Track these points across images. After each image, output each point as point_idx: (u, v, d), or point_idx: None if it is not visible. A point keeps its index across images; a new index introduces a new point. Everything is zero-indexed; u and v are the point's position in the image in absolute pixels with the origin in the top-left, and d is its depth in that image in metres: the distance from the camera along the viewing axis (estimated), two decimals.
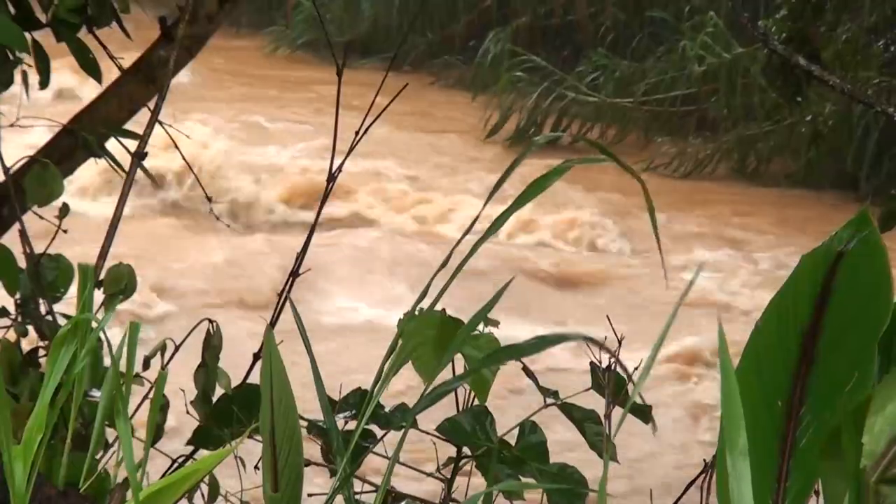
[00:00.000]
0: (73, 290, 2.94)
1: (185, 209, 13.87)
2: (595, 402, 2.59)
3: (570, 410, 2.50)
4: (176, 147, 3.79)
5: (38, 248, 3.13)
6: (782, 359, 1.80)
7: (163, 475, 2.38)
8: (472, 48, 20.35)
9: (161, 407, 2.53)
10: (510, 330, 2.53)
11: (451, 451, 2.52)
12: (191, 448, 2.77)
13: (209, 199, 4.36)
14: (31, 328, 3.03)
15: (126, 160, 3.39)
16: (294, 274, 3.20)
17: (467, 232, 1.90)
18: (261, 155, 16.17)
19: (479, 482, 2.45)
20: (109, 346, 1.91)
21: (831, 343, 1.79)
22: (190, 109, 14.31)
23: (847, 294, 1.79)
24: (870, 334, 1.78)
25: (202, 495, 2.67)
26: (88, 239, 3.61)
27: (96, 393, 2.35)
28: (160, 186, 13.23)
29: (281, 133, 17.25)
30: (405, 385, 2.82)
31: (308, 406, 2.18)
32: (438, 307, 2.14)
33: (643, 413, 2.48)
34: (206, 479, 2.52)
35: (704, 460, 2.53)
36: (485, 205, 1.91)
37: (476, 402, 2.47)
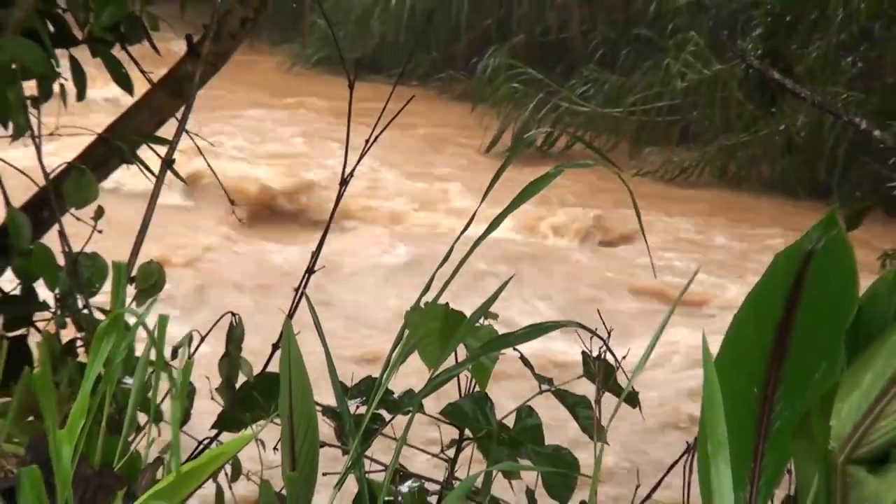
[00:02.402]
0: (108, 285, 2.96)
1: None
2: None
3: (563, 396, 2.50)
4: (202, 154, 3.80)
5: (76, 247, 3.14)
6: (758, 350, 1.81)
7: (190, 456, 2.40)
8: (474, 64, 20.38)
9: (188, 393, 2.54)
10: None
11: (455, 433, 2.53)
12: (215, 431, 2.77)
13: (231, 203, 4.37)
14: (69, 321, 3.03)
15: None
16: (310, 271, 3.21)
17: (464, 230, 1.91)
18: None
19: (479, 463, 2.46)
20: (153, 339, 1.91)
21: (802, 336, 1.80)
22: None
23: (817, 290, 1.80)
24: (837, 328, 1.79)
25: (226, 475, 2.68)
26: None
27: (128, 380, 2.36)
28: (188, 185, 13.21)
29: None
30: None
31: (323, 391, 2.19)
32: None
33: (632, 398, 2.48)
34: (230, 461, 2.53)
35: (687, 442, 2.53)
36: (480, 203, 1.92)
37: (477, 388, 2.48)
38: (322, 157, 15.54)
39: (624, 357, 2.44)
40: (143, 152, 3.51)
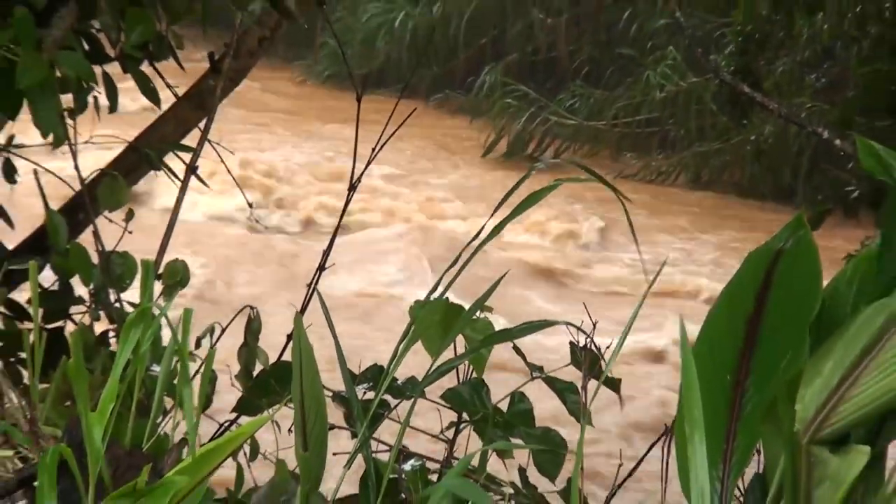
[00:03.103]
0: (137, 281, 2.97)
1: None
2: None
3: (552, 382, 2.50)
4: (222, 161, 3.80)
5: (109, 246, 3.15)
6: (731, 341, 1.81)
7: (212, 437, 2.40)
8: (471, 81, 20.41)
9: (210, 380, 2.54)
10: None
11: (453, 416, 2.52)
12: (235, 415, 2.77)
13: (250, 206, 4.37)
14: (102, 314, 3.03)
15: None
16: (321, 268, 3.20)
17: (475, 238, 1.91)
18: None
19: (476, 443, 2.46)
20: (173, 330, 1.91)
21: (771, 328, 1.80)
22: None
23: (784, 286, 1.80)
24: (803, 320, 1.79)
25: (244, 454, 2.68)
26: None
27: (156, 368, 2.36)
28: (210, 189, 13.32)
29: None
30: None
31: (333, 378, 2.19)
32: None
33: (614, 384, 2.49)
34: (248, 441, 2.53)
35: (665, 424, 2.53)
36: (491, 215, 1.92)
37: (474, 375, 2.48)
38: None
39: (608, 347, 2.44)
40: (169, 159, 3.52)
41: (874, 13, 9.98)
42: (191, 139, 3.55)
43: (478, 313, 2.31)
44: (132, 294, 3.01)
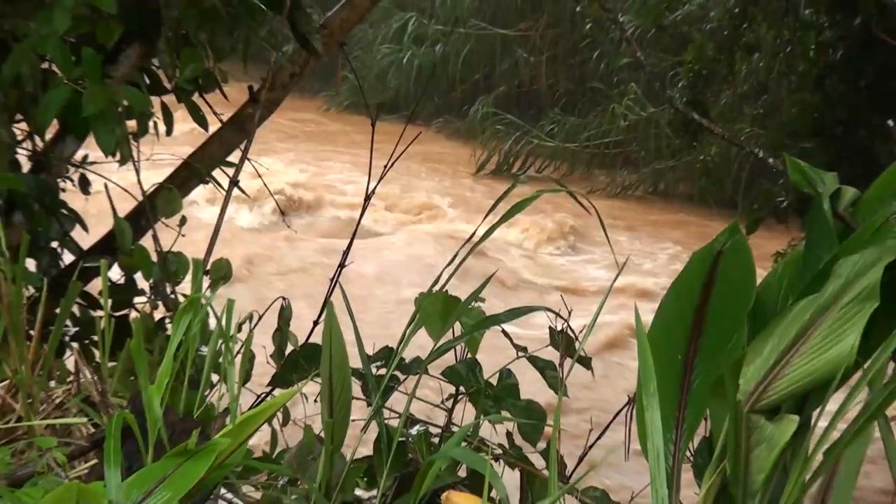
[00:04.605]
0: (189, 276, 2.96)
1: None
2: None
3: (534, 361, 2.50)
4: (259, 177, 3.79)
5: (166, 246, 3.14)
6: (681, 326, 1.81)
7: (251, 406, 2.39)
8: (466, 110, 20.43)
9: (249, 359, 2.53)
10: None
11: (452, 389, 2.52)
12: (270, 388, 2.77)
13: (282, 213, 4.36)
14: (160, 304, 3.03)
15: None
16: (341, 266, 3.20)
17: (468, 241, 1.90)
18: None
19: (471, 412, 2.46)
20: (217, 317, 1.91)
21: (714, 315, 1.80)
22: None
23: (725, 281, 1.80)
24: (741, 310, 1.79)
25: (278, 420, 2.67)
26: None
27: (204, 349, 2.35)
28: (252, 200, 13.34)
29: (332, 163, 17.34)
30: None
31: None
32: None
33: (586, 362, 2.48)
34: (281, 410, 2.52)
35: (628, 396, 2.52)
36: (481, 222, 1.92)
37: (469, 355, 2.47)
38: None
39: (581, 330, 2.43)
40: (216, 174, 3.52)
41: (801, 54, 9.98)
42: (233, 157, 3.54)
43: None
44: (185, 287, 3.01)
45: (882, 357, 1.59)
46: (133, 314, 3.10)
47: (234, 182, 3.39)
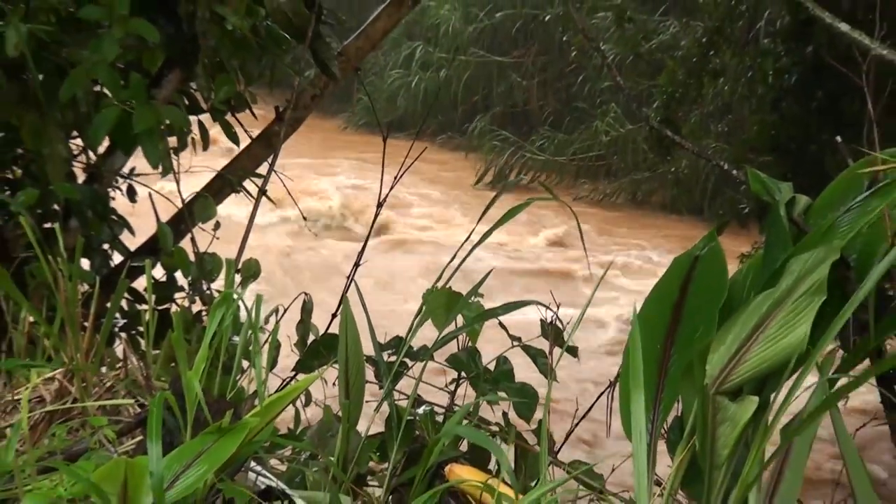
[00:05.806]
0: (223, 274, 2.96)
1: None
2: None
3: (527, 349, 2.49)
4: (284, 187, 3.79)
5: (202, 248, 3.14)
6: (661, 320, 1.80)
7: (277, 389, 2.39)
8: (466, 127, 20.44)
9: (275, 347, 2.52)
10: None
11: (454, 374, 2.51)
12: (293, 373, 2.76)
13: (304, 218, 4.35)
14: (197, 299, 3.03)
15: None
16: (357, 265, 3.19)
17: (464, 243, 1.90)
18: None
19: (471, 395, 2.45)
20: (248, 310, 1.90)
21: (690, 311, 1.80)
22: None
23: (700, 281, 1.80)
24: (713, 306, 1.79)
25: (301, 401, 2.67)
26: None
27: (235, 338, 2.35)
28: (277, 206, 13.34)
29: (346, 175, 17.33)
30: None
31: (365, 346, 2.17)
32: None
33: (573, 350, 2.47)
34: (303, 392, 2.51)
35: (610, 380, 2.51)
36: (476, 225, 1.91)
37: (470, 344, 2.46)
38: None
39: (569, 322, 2.42)
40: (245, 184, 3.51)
41: (760, 78, 9.98)
42: (261, 169, 3.54)
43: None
44: (219, 283, 3.01)
45: (825, 342, 1.58)
46: (174, 308, 3.10)
47: (262, 191, 3.38)
